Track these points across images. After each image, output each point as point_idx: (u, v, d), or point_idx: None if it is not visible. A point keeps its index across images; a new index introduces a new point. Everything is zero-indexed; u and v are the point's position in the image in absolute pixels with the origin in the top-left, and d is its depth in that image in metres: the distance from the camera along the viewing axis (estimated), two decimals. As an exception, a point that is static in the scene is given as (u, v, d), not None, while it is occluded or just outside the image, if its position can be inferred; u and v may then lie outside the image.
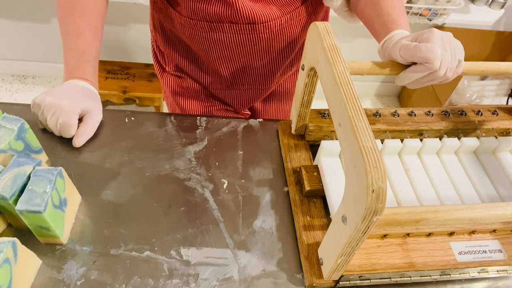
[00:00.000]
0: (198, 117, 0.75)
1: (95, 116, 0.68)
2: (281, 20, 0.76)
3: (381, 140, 0.68)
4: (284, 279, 0.55)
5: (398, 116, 0.70)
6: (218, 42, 0.78)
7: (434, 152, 0.66)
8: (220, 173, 0.66)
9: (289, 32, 0.79)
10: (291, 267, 0.56)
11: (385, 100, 2.34)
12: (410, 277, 0.55)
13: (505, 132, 0.71)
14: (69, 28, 0.70)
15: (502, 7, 1.72)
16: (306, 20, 0.81)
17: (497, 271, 0.56)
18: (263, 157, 0.69)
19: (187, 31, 0.78)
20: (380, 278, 0.54)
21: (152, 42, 0.95)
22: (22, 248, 0.49)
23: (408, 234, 0.57)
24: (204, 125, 0.73)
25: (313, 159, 0.67)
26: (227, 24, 0.74)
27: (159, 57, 0.94)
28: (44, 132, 0.68)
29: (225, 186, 0.65)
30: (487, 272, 0.56)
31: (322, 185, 0.60)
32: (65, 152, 0.66)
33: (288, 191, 0.64)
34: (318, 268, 0.54)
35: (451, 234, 0.58)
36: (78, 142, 0.66)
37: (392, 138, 0.68)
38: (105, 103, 1.91)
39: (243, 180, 0.66)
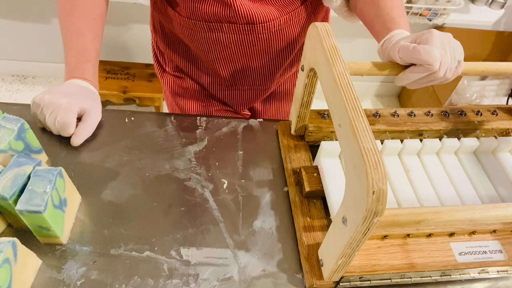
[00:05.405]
0: (198, 117, 0.74)
1: (94, 116, 0.68)
2: (280, 20, 0.76)
3: (381, 140, 0.68)
4: (284, 279, 0.55)
5: (398, 116, 0.70)
6: (217, 42, 0.78)
7: (434, 153, 0.66)
8: (220, 173, 0.66)
9: (288, 32, 0.79)
10: (291, 268, 0.56)
11: (385, 100, 2.34)
12: (411, 278, 0.55)
13: (505, 132, 0.71)
14: (69, 29, 0.70)
15: (502, 7, 1.72)
16: (305, 21, 0.81)
17: (498, 271, 0.56)
18: (263, 157, 0.69)
19: (186, 31, 0.78)
20: (381, 279, 0.54)
21: (152, 42, 0.95)
22: (22, 248, 0.49)
23: (408, 235, 0.57)
24: (204, 125, 0.73)
25: (313, 160, 0.67)
26: (225, 24, 0.74)
27: (159, 58, 0.95)
28: (44, 132, 0.68)
29: (225, 186, 0.65)
30: (488, 272, 0.56)
31: (322, 186, 0.60)
32: (65, 152, 0.66)
33: (288, 191, 0.64)
34: (318, 269, 0.54)
35: (451, 234, 0.58)
36: (76, 141, 0.66)
37: (392, 138, 0.68)
38: (105, 103, 1.91)
39: (243, 180, 0.66)
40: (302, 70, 0.61)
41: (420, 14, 1.62)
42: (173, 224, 0.59)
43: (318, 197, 0.62)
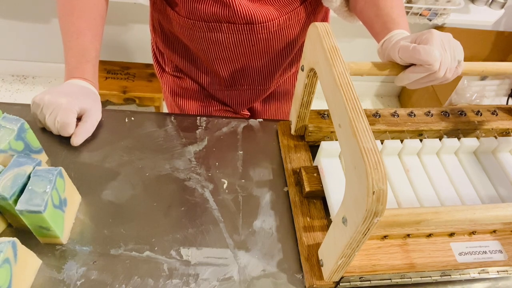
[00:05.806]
0: (198, 117, 0.74)
1: (94, 115, 0.68)
2: (279, 20, 0.76)
3: (381, 140, 0.68)
4: (284, 279, 0.55)
5: (398, 116, 0.70)
6: (216, 42, 0.78)
7: (434, 153, 0.66)
8: (220, 173, 0.66)
9: (287, 32, 0.79)
10: (291, 268, 0.56)
11: (385, 100, 2.34)
12: (411, 278, 0.55)
13: (504, 132, 0.71)
14: (69, 29, 0.70)
15: (502, 7, 1.72)
16: (305, 21, 0.81)
17: (498, 271, 0.56)
18: (263, 157, 0.69)
19: (185, 31, 0.78)
20: (381, 279, 0.54)
21: (152, 42, 0.95)
22: (22, 248, 0.49)
23: (408, 235, 0.57)
24: (204, 125, 0.73)
25: (313, 160, 0.67)
26: (225, 24, 0.74)
27: (158, 58, 0.94)
28: (44, 132, 0.68)
29: (225, 186, 0.65)
30: (488, 272, 0.56)
31: (322, 186, 0.60)
32: (65, 152, 0.66)
33: (288, 191, 0.64)
34: (318, 269, 0.54)
35: (451, 235, 0.58)
36: (76, 141, 0.66)
37: (392, 138, 0.68)
38: (105, 103, 1.91)
39: (243, 180, 0.66)
40: (302, 70, 0.61)
41: (420, 14, 1.62)
42: (173, 224, 0.59)
43: (318, 197, 0.62)
